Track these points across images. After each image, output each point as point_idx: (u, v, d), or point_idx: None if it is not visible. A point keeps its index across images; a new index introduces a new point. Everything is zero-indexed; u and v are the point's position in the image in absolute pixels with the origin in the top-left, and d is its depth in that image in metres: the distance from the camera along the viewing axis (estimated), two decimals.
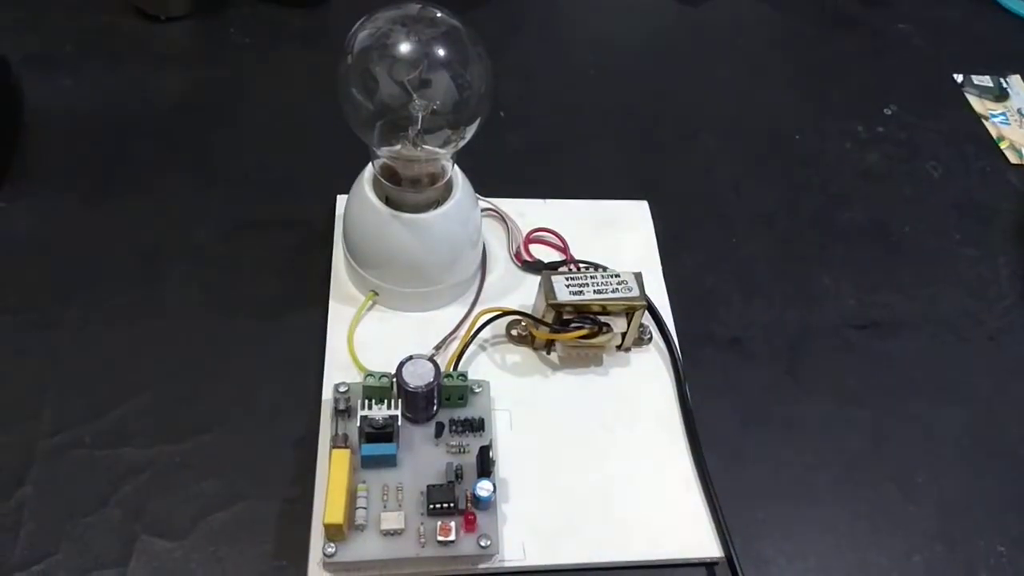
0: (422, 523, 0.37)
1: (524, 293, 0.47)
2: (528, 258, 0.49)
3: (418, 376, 0.39)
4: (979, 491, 0.44)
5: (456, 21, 0.40)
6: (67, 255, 0.47)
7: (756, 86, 0.64)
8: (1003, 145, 0.63)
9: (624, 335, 0.44)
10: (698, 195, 0.56)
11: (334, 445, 0.39)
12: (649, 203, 0.53)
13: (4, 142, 0.52)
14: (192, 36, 0.61)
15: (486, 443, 0.40)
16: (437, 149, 0.43)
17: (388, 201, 0.44)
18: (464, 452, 0.40)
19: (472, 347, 0.44)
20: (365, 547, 0.37)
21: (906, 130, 0.63)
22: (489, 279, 0.48)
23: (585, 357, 0.45)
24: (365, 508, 0.37)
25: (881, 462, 0.45)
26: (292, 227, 0.50)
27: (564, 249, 0.50)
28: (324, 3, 0.64)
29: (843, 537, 0.42)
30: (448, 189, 0.45)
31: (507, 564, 0.38)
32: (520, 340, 0.46)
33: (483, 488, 0.37)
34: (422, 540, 0.37)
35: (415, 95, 0.41)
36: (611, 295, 0.43)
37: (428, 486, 0.38)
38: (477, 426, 0.40)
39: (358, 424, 0.38)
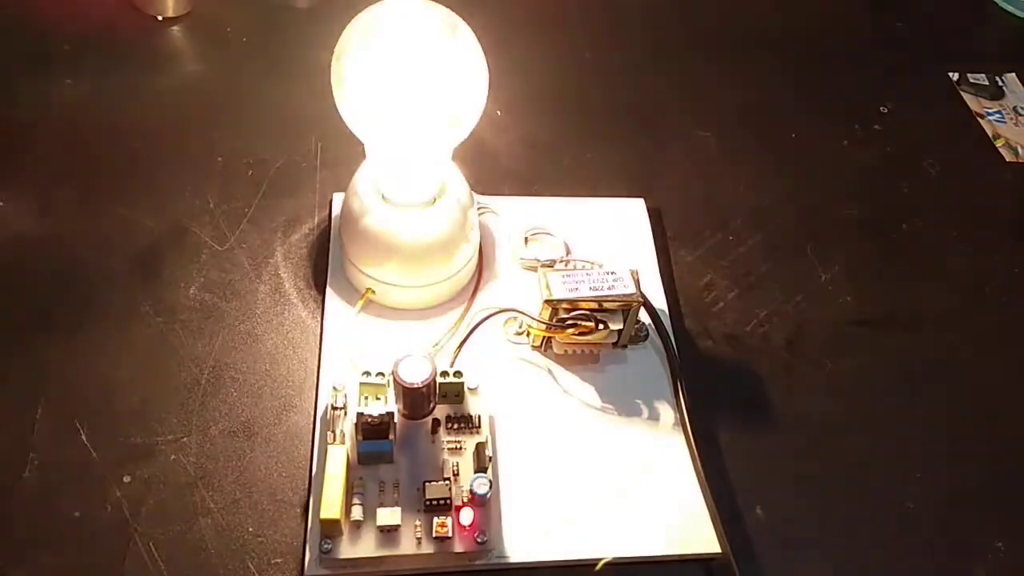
0: (418, 519, 0.37)
1: (521, 290, 0.47)
2: (524, 256, 0.49)
3: (415, 373, 0.39)
4: (978, 487, 0.44)
5: (453, 18, 0.41)
6: (66, 255, 0.47)
7: (752, 83, 0.65)
8: (999, 143, 0.63)
9: (620, 332, 0.44)
10: (694, 192, 0.56)
11: (331, 442, 0.39)
12: (645, 200, 0.53)
13: (2, 142, 0.52)
14: (190, 35, 0.61)
15: (482, 440, 0.40)
16: (433, 147, 0.43)
17: (384, 199, 0.44)
18: (461, 449, 0.40)
19: (469, 344, 0.44)
20: (361, 543, 0.37)
21: (902, 128, 0.63)
22: (485, 277, 0.48)
23: (582, 354, 0.45)
24: (361, 504, 0.37)
25: (879, 458, 0.45)
26: (289, 225, 0.50)
27: (561, 247, 0.50)
28: (322, 2, 0.64)
29: (842, 533, 0.42)
30: (444, 187, 0.45)
31: (504, 560, 0.38)
32: (517, 337, 0.46)
33: (480, 484, 0.38)
34: (418, 536, 0.37)
35: (411, 93, 0.41)
36: (607, 292, 0.43)
37: (424, 482, 0.38)
38: (474, 423, 0.41)
39: (354, 421, 0.38)
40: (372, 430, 0.38)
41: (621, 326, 0.44)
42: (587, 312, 0.43)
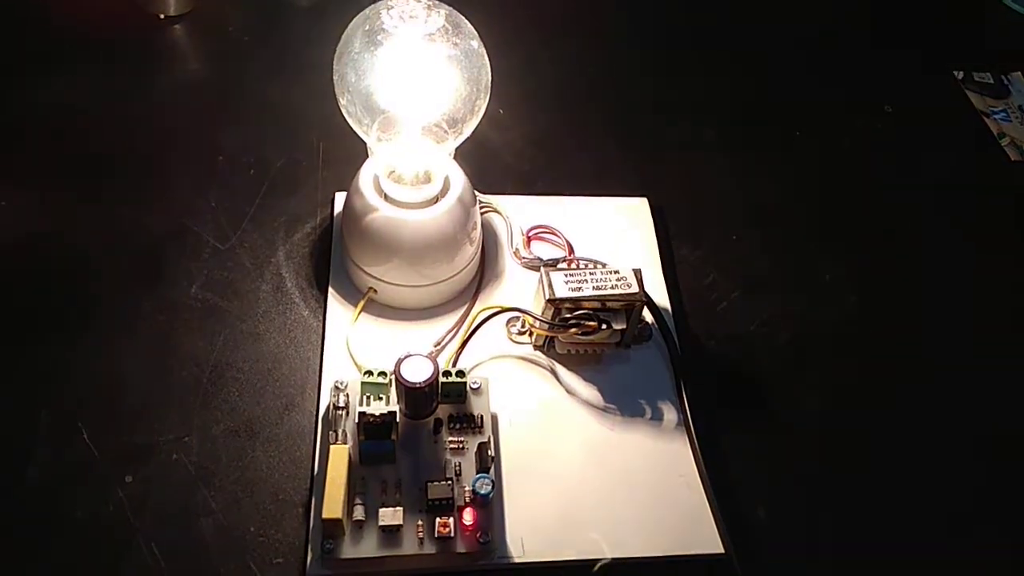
0: (421, 519, 0.37)
1: (523, 290, 0.47)
2: (527, 255, 0.49)
3: (417, 373, 0.39)
4: (980, 489, 0.44)
5: (455, 17, 0.40)
6: (67, 254, 0.47)
7: (755, 83, 0.64)
8: (1004, 142, 0.63)
9: (623, 331, 0.44)
10: (698, 192, 0.56)
11: (333, 441, 0.39)
12: (649, 200, 0.53)
13: (3, 141, 0.52)
14: (192, 34, 0.61)
15: (485, 440, 0.40)
16: (436, 146, 0.43)
17: (387, 198, 0.44)
18: (463, 449, 0.40)
19: (471, 344, 0.44)
20: (363, 543, 0.37)
21: (906, 127, 0.62)
22: (488, 276, 0.48)
23: (584, 354, 0.45)
24: (363, 504, 0.37)
25: (882, 459, 0.45)
26: (291, 224, 0.50)
27: (563, 246, 0.50)
28: (324, 1, 0.64)
29: (843, 533, 0.42)
30: (447, 186, 0.45)
31: (506, 560, 0.38)
32: (519, 337, 0.46)
33: (482, 484, 0.37)
34: (420, 536, 0.37)
35: (413, 92, 0.41)
36: (610, 291, 0.43)
37: (427, 482, 0.38)
38: (476, 423, 0.40)
39: (356, 420, 0.38)
40: (374, 429, 0.38)
41: (624, 326, 0.43)
42: (590, 312, 0.43)
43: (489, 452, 0.39)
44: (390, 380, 0.39)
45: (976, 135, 0.63)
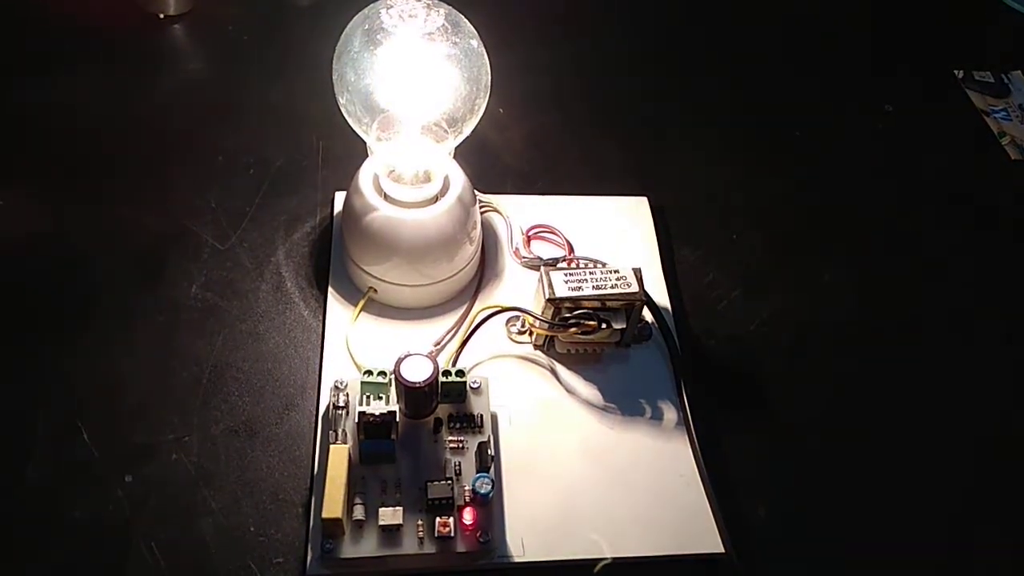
0: (420, 519, 0.37)
1: (523, 289, 0.47)
2: (527, 254, 0.49)
3: (416, 372, 0.38)
4: (980, 489, 0.44)
5: (455, 16, 0.40)
6: (67, 254, 0.47)
7: (756, 82, 0.64)
8: (1004, 141, 0.63)
9: (623, 331, 0.44)
10: (698, 191, 0.56)
11: (333, 441, 0.39)
12: (649, 199, 0.53)
13: (3, 140, 0.52)
14: (192, 34, 0.61)
15: (485, 439, 0.40)
16: (435, 145, 0.43)
17: (386, 197, 0.44)
18: (463, 449, 0.40)
19: (471, 344, 0.44)
20: (363, 543, 0.37)
21: (906, 126, 0.62)
22: (488, 275, 0.48)
23: (584, 353, 0.45)
24: (363, 504, 0.37)
25: (881, 459, 0.45)
26: (291, 223, 0.50)
27: (563, 245, 0.50)
28: (323, 0, 0.64)
29: (843, 533, 0.42)
30: (446, 185, 0.45)
31: (506, 560, 0.38)
32: (519, 336, 0.46)
33: (482, 484, 0.37)
34: (420, 535, 0.37)
35: (413, 91, 0.41)
36: (610, 291, 0.43)
37: (427, 482, 0.38)
38: (476, 423, 0.40)
39: (356, 420, 0.38)
40: (374, 429, 0.38)
41: (624, 325, 0.43)
42: (590, 311, 0.43)
43: (489, 452, 0.39)
44: (390, 380, 0.39)
45: (976, 134, 0.63)
